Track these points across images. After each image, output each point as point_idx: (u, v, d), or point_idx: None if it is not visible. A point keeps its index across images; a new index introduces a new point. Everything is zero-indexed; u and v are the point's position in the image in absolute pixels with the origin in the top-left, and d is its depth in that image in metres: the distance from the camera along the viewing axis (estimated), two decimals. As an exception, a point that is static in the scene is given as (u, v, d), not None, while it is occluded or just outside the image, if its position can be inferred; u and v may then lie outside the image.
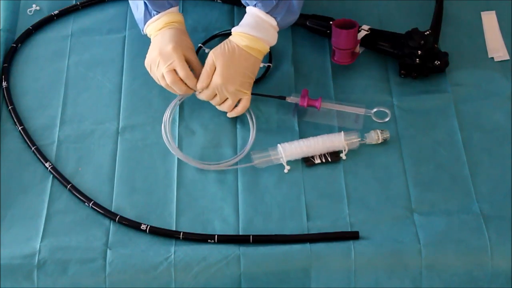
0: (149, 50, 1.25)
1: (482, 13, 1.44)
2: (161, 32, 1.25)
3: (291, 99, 1.30)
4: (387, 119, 1.28)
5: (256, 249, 1.13)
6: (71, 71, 1.38)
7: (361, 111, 1.27)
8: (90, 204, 1.19)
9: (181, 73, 1.22)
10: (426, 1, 1.45)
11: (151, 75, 1.26)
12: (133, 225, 1.17)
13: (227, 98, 1.24)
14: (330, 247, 1.13)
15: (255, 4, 1.23)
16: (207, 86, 1.23)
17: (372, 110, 1.27)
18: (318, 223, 1.17)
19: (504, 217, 1.16)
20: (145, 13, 1.26)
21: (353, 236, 1.14)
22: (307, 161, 1.24)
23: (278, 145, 1.23)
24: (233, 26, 1.42)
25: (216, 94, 1.24)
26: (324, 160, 1.23)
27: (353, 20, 1.32)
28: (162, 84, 1.24)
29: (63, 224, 1.18)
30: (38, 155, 1.25)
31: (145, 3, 1.25)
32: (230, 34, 1.43)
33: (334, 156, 1.23)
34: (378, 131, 1.24)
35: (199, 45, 1.40)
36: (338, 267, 1.12)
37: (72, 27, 1.44)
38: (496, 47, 1.38)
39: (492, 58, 1.37)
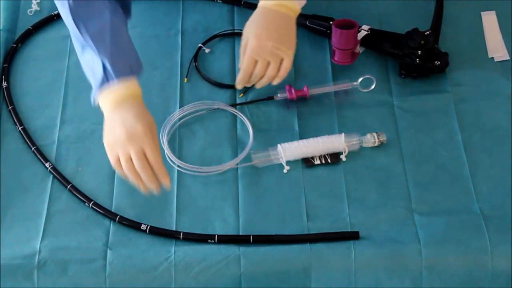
0: (109, 126, 1.11)
1: (482, 13, 1.44)
2: (123, 106, 1.11)
3: (278, 96, 1.30)
4: (372, 87, 1.30)
5: (256, 249, 1.13)
6: (71, 71, 1.38)
7: (347, 85, 1.30)
8: (90, 204, 1.19)
9: (152, 158, 1.09)
10: (426, 1, 1.45)
11: (109, 155, 1.11)
12: (133, 225, 1.17)
13: (269, 63, 1.20)
14: (330, 247, 1.13)
15: None
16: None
17: (357, 81, 1.30)
18: (318, 223, 1.17)
19: (504, 217, 1.16)
20: (102, 79, 1.11)
21: (353, 236, 1.14)
22: (307, 161, 1.24)
23: (278, 145, 1.23)
24: (233, 26, 1.43)
25: (256, 63, 1.20)
26: (324, 161, 1.23)
27: (353, 20, 1.32)
28: (125, 167, 1.09)
29: (63, 224, 1.18)
30: (38, 155, 1.25)
31: (104, 65, 1.11)
32: (230, 34, 1.43)
33: (334, 158, 1.23)
34: (375, 134, 1.24)
35: (199, 45, 1.40)
36: (338, 267, 1.12)
37: (72, 27, 1.44)
38: (496, 47, 1.38)
39: (492, 58, 1.37)
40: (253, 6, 1.43)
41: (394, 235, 1.14)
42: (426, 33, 1.31)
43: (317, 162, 1.23)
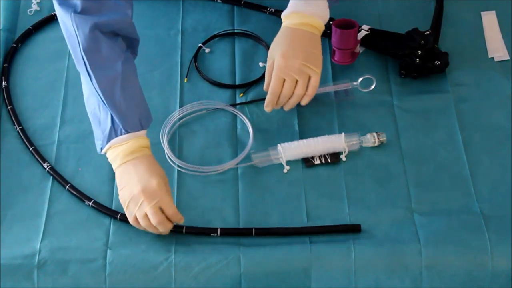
0: (123, 183, 1.11)
1: (482, 13, 1.44)
2: (134, 162, 1.11)
3: None
4: (372, 87, 1.30)
5: (256, 249, 1.13)
6: (71, 71, 1.38)
7: (347, 85, 1.30)
8: (90, 203, 1.18)
9: (169, 211, 1.11)
10: (426, 1, 1.45)
11: (127, 212, 1.11)
12: None
13: (297, 82, 1.19)
14: (330, 247, 1.13)
15: None
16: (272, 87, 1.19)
17: (357, 81, 1.29)
18: (318, 223, 1.16)
19: (504, 217, 1.16)
20: (110, 131, 1.11)
21: (354, 228, 1.14)
22: (307, 161, 1.24)
23: (278, 145, 1.23)
24: (233, 26, 1.42)
25: (284, 82, 1.19)
26: (323, 161, 1.23)
27: (353, 20, 1.32)
28: (142, 224, 1.10)
29: (63, 224, 1.18)
30: (36, 156, 1.25)
31: (112, 118, 1.11)
32: (230, 34, 1.43)
33: (334, 158, 1.23)
34: (375, 134, 1.24)
35: (199, 45, 1.40)
36: (338, 267, 1.12)
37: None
38: (496, 47, 1.38)
39: (492, 58, 1.37)
40: (253, 6, 1.44)
41: (394, 235, 1.14)
42: (426, 33, 1.31)
43: (317, 162, 1.23)
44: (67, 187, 1.21)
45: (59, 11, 1.10)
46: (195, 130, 1.29)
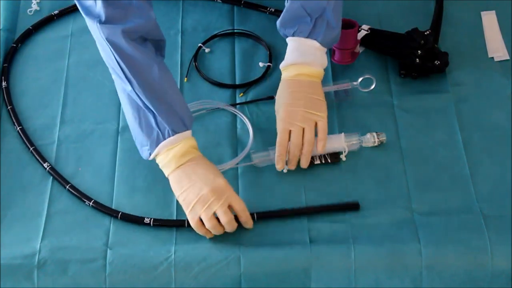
0: (184, 186, 1.10)
1: (482, 13, 1.44)
2: (191, 163, 1.11)
3: None
4: (372, 86, 1.30)
5: (256, 249, 1.13)
6: (71, 71, 1.38)
7: (347, 85, 1.30)
8: (91, 203, 1.18)
9: (239, 207, 1.11)
10: (426, 1, 1.45)
11: (190, 215, 1.10)
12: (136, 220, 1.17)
13: (303, 130, 1.19)
14: (330, 247, 1.13)
15: (293, 34, 1.23)
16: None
17: (357, 81, 1.29)
18: (318, 223, 1.16)
19: (504, 217, 1.16)
20: (157, 134, 1.11)
21: (353, 206, 1.15)
22: None
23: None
24: (233, 26, 1.42)
25: (290, 132, 1.18)
26: (323, 161, 1.23)
27: (353, 20, 1.32)
28: (210, 224, 1.09)
29: (63, 224, 1.18)
30: (36, 156, 1.25)
31: (157, 122, 1.11)
32: (230, 34, 1.43)
33: (333, 158, 1.23)
34: (375, 134, 1.24)
35: (199, 44, 1.40)
36: (338, 267, 1.12)
37: (72, 27, 1.44)
38: (496, 47, 1.38)
39: (492, 58, 1.37)
40: (253, 6, 1.44)
41: (394, 235, 1.14)
42: (426, 33, 1.31)
43: (317, 162, 1.23)
44: (67, 187, 1.21)
45: (87, 21, 1.11)
46: (195, 130, 1.28)
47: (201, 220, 1.11)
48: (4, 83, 1.35)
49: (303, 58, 1.22)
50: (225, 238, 1.14)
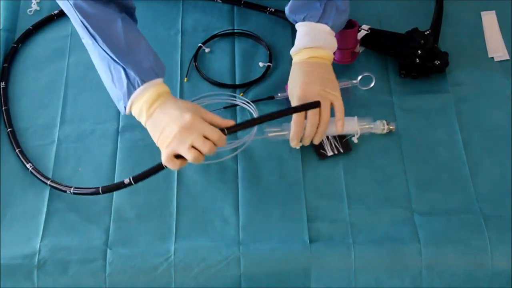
0: (159, 129, 1.10)
1: (482, 13, 1.44)
2: (160, 107, 1.11)
3: (279, 96, 1.30)
4: (372, 84, 1.30)
5: (256, 249, 1.13)
6: (71, 71, 1.38)
7: (347, 84, 1.31)
8: (71, 190, 1.18)
9: (214, 136, 1.09)
10: (426, 1, 1.45)
11: (163, 156, 1.10)
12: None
13: (320, 109, 1.17)
14: (330, 247, 1.13)
15: (303, 18, 1.23)
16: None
17: (356, 79, 1.30)
18: (318, 223, 1.17)
19: (504, 217, 1.16)
20: (128, 86, 1.11)
21: (314, 105, 1.15)
22: (320, 154, 1.23)
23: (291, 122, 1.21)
24: (233, 26, 1.42)
25: (306, 113, 1.17)
26: (336, 152, 1.23)
27: (353, 20, 1.32)
28: (191, 156, 1.08)
29: (63, 224, 1.18)
30: (21, 157, 1.25)
31: (127, 74, 1.11)
32: (230, 34, 1.43)
33: (346, 147, 1.24)
34: (384, 121, 1.25)
35: (199, 44, 1.40)
36: (338, 267, 1.12)
37: (72, 27, 1.44)
38: (496, 47, 1.38)
39: (492, 58, 1.37)
40: (253, 6, 1.44)
41: (394, 235, 1.15)
42: (426, 33, 1.31)
43: (330, 153, 1.23)
44: (48, 182, 1.21)
45: None
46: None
47: (175, 156, 1.10)
48: (2, 83, 1.35)
49: (314, 42, 1.22)
50: (225, 238, 1.15)
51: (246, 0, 1.45)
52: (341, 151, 1.24)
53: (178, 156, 1.10)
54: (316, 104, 1.15)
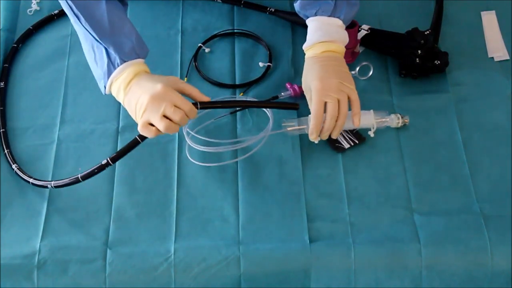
0: (134, 102, 1.10)
1: (482, 13, 1.44)
2: (136, 81, 1.11)
3: (283, 95, 1.30)
4: (370, 73, 1.31)
5: (256, 249, 1.13)
6: (71, 71, 1.38)
7: None
8: (52, 184, 1.18)
9: (185, 107, 1.09)
10: (426, 1, 1.45)
11: (139, 127, 1.11)
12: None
13: (338, 102, 1.17)
14: (330, 247, 1.13)
15: (315, 13, 1.23)
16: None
17: (355, 70, 1.31)
18: (318, 223, 1.17)
19: (504, 217, 1.16)
20: (108, 65, 1.12)
21: (292, 106, 1.20)
22: (337, 148, 1.24)
23: (309, 116, 1.20)
24: (233, 26, 1.42)
25: (324, 106, 1.17)
26: (352, 144, 1.24)
27: (353, 20, 1.32)
28: (162, 125, 1.08)
29: (63, 224, 1.18)
30: (8, 158, 1.25)
31: (108, 54, 1.12)
32: (230, 34, 1.43)
33: (359, 138, 1.25)
34: (399, 115, 1.25)
35: (199, 44, 1.40)
36: (338, 267, 1.12)
37: (72, 27, 1.44)
38: (496, 47, 1.38)
39: (492, 58, 1.37)
40: (253, 6, 1.44)
41: (394, 234, 1.14)
42: (426, 33, 1.31)
43: (347, 146, 1.24)
44: (30, 181, 1.21)
45: None
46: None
47: (150, 124, 1.10)
48: (1, 83, 1.35)
49: (327, 36, 1.22)
50: (225, 237, 1.15)
51: (246, 0, 1.45)
52: (356, 142, 1.24)
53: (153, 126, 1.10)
54: (295, 106, 1.19)
